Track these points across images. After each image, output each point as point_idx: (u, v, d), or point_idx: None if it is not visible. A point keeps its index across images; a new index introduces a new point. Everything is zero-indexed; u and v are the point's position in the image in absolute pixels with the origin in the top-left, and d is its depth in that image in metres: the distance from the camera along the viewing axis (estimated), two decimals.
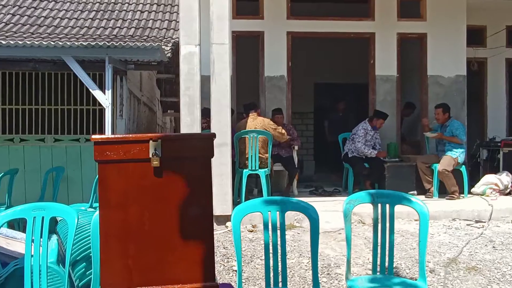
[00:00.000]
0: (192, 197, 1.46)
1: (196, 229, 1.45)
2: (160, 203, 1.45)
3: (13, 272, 3.01)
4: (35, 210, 2.51)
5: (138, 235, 1.44)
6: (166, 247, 1.45)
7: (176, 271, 1.45)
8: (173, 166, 1.45)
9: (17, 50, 5.54)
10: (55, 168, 6.52)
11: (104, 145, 1.43)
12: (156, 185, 1.45)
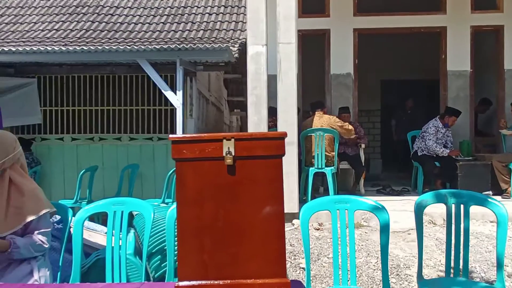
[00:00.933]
0: (264, 195, 1.50)
1: (268, 226, 1.49)
2: (233, 201, 1.51)
3: (95, 262, 3.23)
4: (116, 204, 2.69)
5: (212, 231, 1.50)
6: (239, 243, 1.50)
7: (249, 266, 1.50)
8: (246, 165, 1.51)
9: (96, 55, 5.91)
10: (130, 165, 6.88)
11: (180, 144, 1.51)
12: (230, 183, 1.51)
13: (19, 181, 2.36)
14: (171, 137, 1.51)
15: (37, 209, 2.32)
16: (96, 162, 7.03)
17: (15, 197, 2.32)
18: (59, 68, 6.94)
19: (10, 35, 7.78)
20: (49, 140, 7.26)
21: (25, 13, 8.66)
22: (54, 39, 7.36)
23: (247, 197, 1.51)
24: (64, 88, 7.23)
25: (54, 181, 7.13)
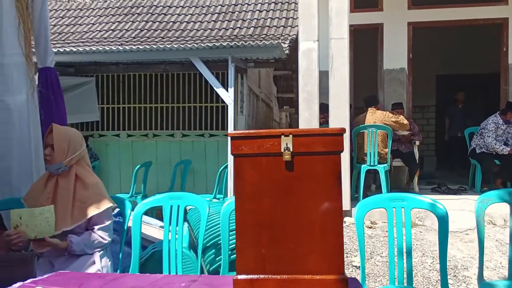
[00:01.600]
0: (322, 192, 1.50)
1: (327, 222, 1.49)
2: (291, 196, 1.51)
3: (152, 254, 3.34)
4: (172, 199, 2.76)
5: (270, 226, 1.51)
6: (296, 239, 1.51)
7: (307, 262, 1.50)
8: (304, 161, 1.51)
9: (151, 53, 6.08)
10: (183, 161, 7.05)
11: (239, 140, 1.53)
12: (287, 178, 1.52)
13: (84, 176, 2.48)
14: (230, 133, 1.53)
15: (99, 203, 2.43)
16: (150, 157, 7.24)
17: (80, 192, 2.43)
18: (115, 67, 7.20)
19: (70, 36, 8.16)
20: (106, 136, 7.56)
21: (84, 15, 9.05)
22: (111, 39, 7.65)
23: (305, 193, 1.51)
24: (120, 86, 7.49)
25: (111, 176, 7.41)
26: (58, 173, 2.43)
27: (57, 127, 2.47)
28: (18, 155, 3.11)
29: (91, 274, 2.15)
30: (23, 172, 3.12)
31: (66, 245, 2.34)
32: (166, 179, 7.14)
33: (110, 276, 1.97)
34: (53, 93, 2.95)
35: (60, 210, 2.37)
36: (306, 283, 1.49)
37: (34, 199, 2.44)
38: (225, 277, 2.10)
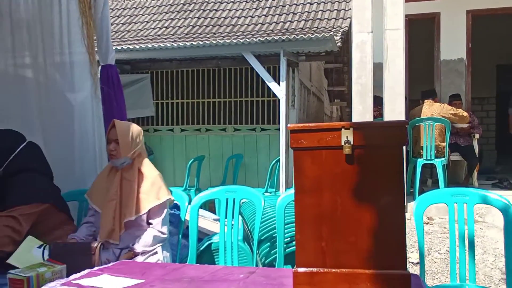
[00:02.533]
0: (384, 186, 1.47)
1: (388, 217, 1.46)
2: (352, 190, 1.50)
3: (208, 246, 3.41)
4: (228, 192, 2.80)
5: (330, 220, 1.51)
6: (357, 233, 1.49)
7: (368, 256, 1.48)
8: (365, 154, 1.49)
9: (204, 49, 6.18)
10: (234, 155, 7.12)
11: (299, 133, 1.53)
12: (348, 172, 1.50)
13: (145, 169, 2.56)
14: (290, 126, 1.54)
15: (159, 195, 2.49)
16: (203, 152, 7.37)
17: (142, 184, 2.51)
18: (169, 63, 7.37)
19: (125, 34, 8.43)
20: (160, 131, 7.76)
21: (138, 13, 9.31)
22: (165, 36, 7.83)
23: (366, 187, 1.49)
24: (174, 82, 7.66)
25: (165, 170, 7.60)
26: (122, 167, 2.51)
27: (119, 122, 2.55)
28: (80, 149, 3.26)
29: (153, 263, 2.23)
30: (85, 165, 3.26)
31: (131, 255, 2.41)
32: (218, 173, 7.25)
33: (171, 266, 2.04)
34: (114, 89, 3.07)
35: (125, 202, 2.45)
36: (368, 277, 1.47)
37: (99, 194, 2.53)
38: (282, 269, 2.11)
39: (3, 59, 3.27)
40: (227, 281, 1.74)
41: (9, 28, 3.20)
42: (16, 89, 3.27)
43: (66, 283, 1.68)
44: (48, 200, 2.43)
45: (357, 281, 1.49)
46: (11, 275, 1.83)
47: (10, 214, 2.24)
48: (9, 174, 2.38)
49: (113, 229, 2.41)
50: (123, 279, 1.74)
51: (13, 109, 3.22)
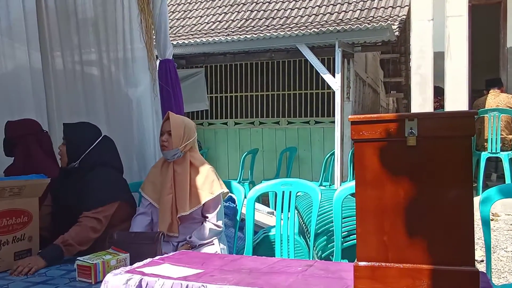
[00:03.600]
0: (450, 178, 1.41)
1: (456, 211, 1.40)
2: (416, 183, 1.44)
3: (263, 239, 3.42)
4: (284, 185, 2.79)
5: (393, 213, 1.46)
6: (421, 227, 1.44)
7: (433, 252, 1.43)
8: (430, 146, 1.43)
9: (257, 42, 6.19)
10: (288, 148, 7.10)
11: (360, 124, 1.49)
12: (412, 164, 1.45)
13: (198, 163, 2.58)
14: (350, 118, 1.50)
15: (213, 189, 2.51)
16: (257, 145, 7.41)
17: (195, 178, 2.53)
18: (223, 57, 7.44)
19: (180, 29, 8.59)
20: (214, 124, 7.87)
21: (192, 8, 9.46)
22: (218, 30, 7.91)
23: (431, 180, 1.43)
24: (228, 75, 7.73)
25: (219, 163, 7.71)
26: (174, 159, 2.54)
27: (173, 115, 2.59)
28: (139, 142, 3.36)
29: (212, 254, 2.26)
30: (145, 158, 3.36)
31: (188, 247, 2.45)
32: (272, 166, 7.27)
33: (229, 257, 2.06)
34: (172, 83, 3.14)
35: (179, 196, 2.50)
36: (433, 273, 1.42)
37: (153, 188, 2.58)
38: (341, 263, 2.08)
39: (70, 56, 3.43)
40: (285, 273, 1.73)
41: (75, 27, 3.35)
42: (84, 85, 3.43)
43: (130, 270, 1.74)
44: (122, 197, 2.52)
45: (421, 277, 1.44)
46: (79, 262, 1.92)
47: (95, 216, 2.34)
48: (86, 167, 2.48)
49: (171, 222, 2.46)
50: (183, 269, 1.78)
51: (82, 104, 3.38)
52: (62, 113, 3.49)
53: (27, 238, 2.21)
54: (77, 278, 1.92)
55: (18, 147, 2.76)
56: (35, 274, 2.03)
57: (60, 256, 2.19)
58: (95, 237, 2.34)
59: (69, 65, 3.47)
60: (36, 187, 2.25)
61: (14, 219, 2.14)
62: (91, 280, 1.88)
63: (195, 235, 2.47)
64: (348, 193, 2.63)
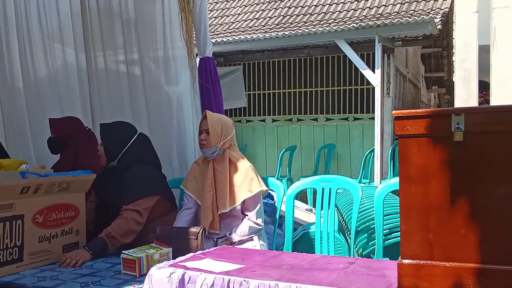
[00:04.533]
0: (499, 175, 1.36)
1: (504, 208, 1.35)
2: (463, 180, 1.40)
3: (302, 235, 3.41)
4: (324, 182, 2.77)
5: (438, 210, 1.43)
6: (468, 224, 1.40)
7: (480, 250, 1.38)
8: (478, 141, 1.38)
9: (295, 38, 6.17)
10: (326, 145, 7.05)
11: (404, 120, 1.46)
12: (458, 160, 1.41)
13: (237, 160, 2.59)
14: (394, 113, 1.47)
15: (251, 187, 2.51)
16: (294, 142, 7.39)
17: (234, 176, 2.54)
18: (261, 54, 7.45)
19: (218, 27, 8.66)
20: (252, 121, 7.90)
21: (230, 6, 9.52)
22: (256, 28, 7.93)
23: (479, 176, 1.39)
24: (266, 72, 7.74)
25: (257, 159, 7.74)
26: (213, 157, 2.57)
27: (210, 113, 2.62)
28: (179, 140, 3.42)
29: (252, 250, 2.27)
30: (185, 156, 3.41)
31: (228, 244, 2.47)
32: (310, 163, 7.23)
33: (269, 253, 2.07)
34: (212, 81, 3.16)
35: (219, 194, 2.52)
36: (480, 272, 1.38)
37: (194, 185, 2.61)
38: (384, 261, 2.05)
39: (114, 56, 3.53)
40: (326, 270, 1.73)
41: (120, 27, 3.45)
42: (125, 84, 3.52)
43: (173, 264, 1.77)
44: (160, 191, 2.58)
45: (469, 276, 1.40)
46: (124, 255, 1.98)
47: (135, 209, 2.41)
48: (123, 165, 2.55)
49: (212, 220, 2.49)
50: (224, 264, 1.80)
51: (125, 103, 3.47)
52: (105, 111, 3.59)
53: (74, 231, 2.29)
54: (122, 271, 1.98)
55: (68, 146, 2.86)
56: (82, 266, 2.10)
57: (105, 249, 2.26)
58: (137, 230, 2.39)
59: (111, 64, 3.57)
60: (83, 182, 2.32)
61: (62, 213, 2.22)
62: (136, 273, 1.93)
63: (235, 232, 2.49)
64: (389, 190, 2.59)
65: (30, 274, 1.99)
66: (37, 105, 3.63)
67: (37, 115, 3.59)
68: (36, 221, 2.10)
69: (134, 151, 2.58)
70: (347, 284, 1.57)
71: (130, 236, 2.37)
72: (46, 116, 3.29)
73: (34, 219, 2.09)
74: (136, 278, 1.91)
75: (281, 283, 1.55)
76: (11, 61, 3.59)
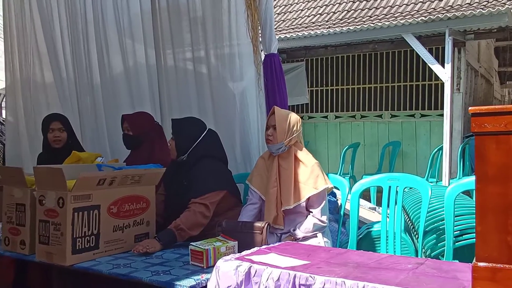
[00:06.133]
0: None
1: None
2: None
3: (366, 234, 3.35)
4: (391, 180, 2.70)
5: None
6: None
7: None
8: None
9: (360, 33, 6.05)
10: (391, 143, 6.86)
11: (482, 116, 1.39)
12: None
13: (302, 157, 2.59)
14: (471, 109, 1.41)
15: (317, 185, 2.50)
16: (357, 139, 7.26)
17: (299, 172, 2.54)
18: (324, 50, 7.37)
19: (281, 24, 8.65)
20: (315, 118, 7.84)
21: (293, 2, 9.47)
22: (319, 23, 7.85)
23: None
24: (329, 68, 7.65)
25: (319, 156, 7.67)
26: (278, 153, 2.58)
27: (278, 109, 2.63)
28: (244, 135, 3.46)
29: (317, 246, 2.27)
30: (247, 151, 3.46)
31: (292, 239, 2.48)
32: (373, 160, 7.07)
33: (334, 251, 2.05)
34: (277, 78, 3.18)
35: (283, 190, 2.53)
36: None
37: (260, 180, 2.64)
38: (455, 263, 1.97)
39: (182, 54, 3.65)
40: (394, 270, 1.69)
41: (188, 26, 3.55)
42: (192, 81, 3.62)
43: (239, 257, 1.81)
44: (227, 186, 2.63)
45: None
46: (192, 247, 2.04)
47: (203, 202, 2.48)
48: (193, 159, 2.63)
49: (276, 215, 2.51)
50: (290, 259, 1.81)
51: (192, 98, 3.58)
52: (173, 107, 3.72)
53: (145, 222, 2.39)
54: (190, 262, 2.04)
55: (143, 141, 2.99)
56: (153, 255, 2.19)
57: (174, 240, 2.34)
58: (204, 223, 2.46)
59: (179, 62, 3.69)
60: (154, 176, 2.42)
61: (134, 205, 2.33)
62: (203, 265, 1.99)
63: (299, 228, 2.49)
64: (461, 190, 2.48)
65: (105, 261, 2.10)
66: (111, 101, 3.82)
67: (111, 111, 3.79)
68: (111, 212, 2.21)
69: (204, 146, 2.65)
70: (417, 285, 1.52)
71: (198, 228, 2.43)
72: (119, 111, 3.46)
73: (109, 210, 2.20)
74: (204, 269, 1.96)
75: (347, 281, 1.53)
76: (89, 61, 3.81)
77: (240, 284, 1.69)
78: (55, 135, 3.10)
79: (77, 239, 2.07)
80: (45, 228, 2.11)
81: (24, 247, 2.26)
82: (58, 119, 3.18)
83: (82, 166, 2.54)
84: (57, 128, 3.12)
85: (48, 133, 3.11)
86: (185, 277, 1.86)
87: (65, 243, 2.04)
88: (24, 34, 3.69)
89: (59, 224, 2.06)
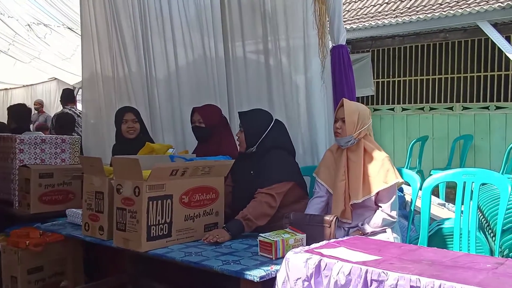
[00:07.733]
0: None
1: None
2: None
3: (436, 231, 3.23)
4: (466, 175, 2.59)
5: None
6: None
7: None
8: None
9: (429, 22, 5.81)
10: (462, 136, 6.55)
11: None
12: None
13: (372, 150, 2.53)
14: None
15: (387, 179, 2.43)
16: (426, 132, 6.99)
17: (369, 166, 2.49)
18: (391, 40, 7.15)
19: (345, 14, 8.47)
20: (380, 110, 7.64)
21: None
22: (386, 13, 7.60)
23: None
24: (396, 59, 7.41)
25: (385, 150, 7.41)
26: (347, 146, 2.53)
27: (347, 102, 2.58)
28: (310, 127, 3.46)
29: (388, 242, 2.22)
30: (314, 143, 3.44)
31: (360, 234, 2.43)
32: (442, 155, 6.79)
33: (406, 247, 2.00)
34: (345, 69, 3.13)
35: (352, 183, 2.49)
36: None
37: (327, 173, 2.61)
38: None
39: (251, 46, 3.69)
40: (472, 269, 1.62)
41: (260, 19, 3.59)
42: (263, 72, 3.66)
43: (309, 250, 1.80)
44: (294, 178, 2.64)
45: None
46: (261, 238, 2.06)
47: (269, 192, 2.50)
48: (261, 151, 2.66)
49: (344, 209, 2.47)
50: (360, 254, 1.78)
51: (262, 91, 3.62)
52: (242, 100, 3.77)
53: (214, 212, 2.45)
54: (259, 253, 2.07)
55: (213, 134, 3.05)
56: (222, 245, 2.24)
57: (242, 230, 2.38)
58: (270, 213, 2.48)
59: (247, 54, 3.73)
60: (223, 167, 2.47)
61: (204, 195, 2.39)
62: (272, 256, 2.01)
63: (368, 223, 2.44)
64: None
65: (178, 249, 2.18)
66: (179, 94, 3.94)
67: (179, 103, 3.90)
68: (183, 201, 2.28)
69: (272, 138, 2.67)
70: (498, 286, 1.45)
71: (264, 218, 2.46)
72: (187, 103, 3.55)
73: (181, 199, 2.28)
74: (272, 260, 1.98)
75: (423, 279, 1.49)
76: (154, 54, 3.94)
77: (310, 277, 1.69)
78: (129, 126, 3.25)
79: (151, 227, 2.16)
80: (122, 215, 2.22)
81: (103, 232, 2.40)
82: (131, 111, 3.33)
83: (156, 157, 2.64)
84: (131, 119, 3.27)
85: (122, 124, 3.27)
86: (254, 268, 1.89)
87: (140, 230, 2.13)
88: (102, 30, 3.87)
89: (135, 212, 2.16)
